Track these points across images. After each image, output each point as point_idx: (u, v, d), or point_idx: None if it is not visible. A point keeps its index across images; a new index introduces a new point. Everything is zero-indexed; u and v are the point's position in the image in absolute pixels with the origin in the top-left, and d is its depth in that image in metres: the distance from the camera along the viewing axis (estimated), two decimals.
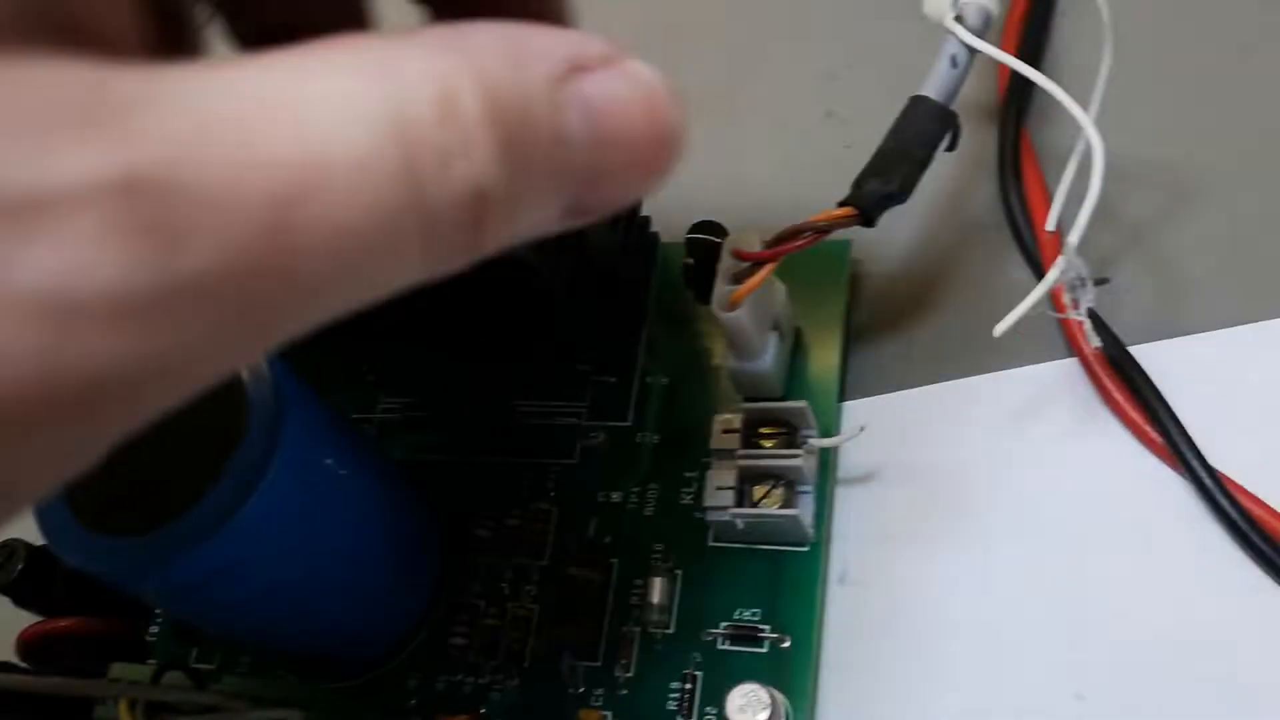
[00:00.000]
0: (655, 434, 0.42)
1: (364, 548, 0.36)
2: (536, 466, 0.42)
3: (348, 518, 0.35)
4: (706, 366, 0.43)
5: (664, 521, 0.40)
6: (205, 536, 0.30)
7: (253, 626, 0.35)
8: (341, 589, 0.36)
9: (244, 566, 0.32)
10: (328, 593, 0.36)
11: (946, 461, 0.40)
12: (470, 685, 0.39)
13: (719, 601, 0.38)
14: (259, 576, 0.33)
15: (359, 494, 0.36)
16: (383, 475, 0.38)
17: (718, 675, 0.37)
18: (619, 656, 0.38)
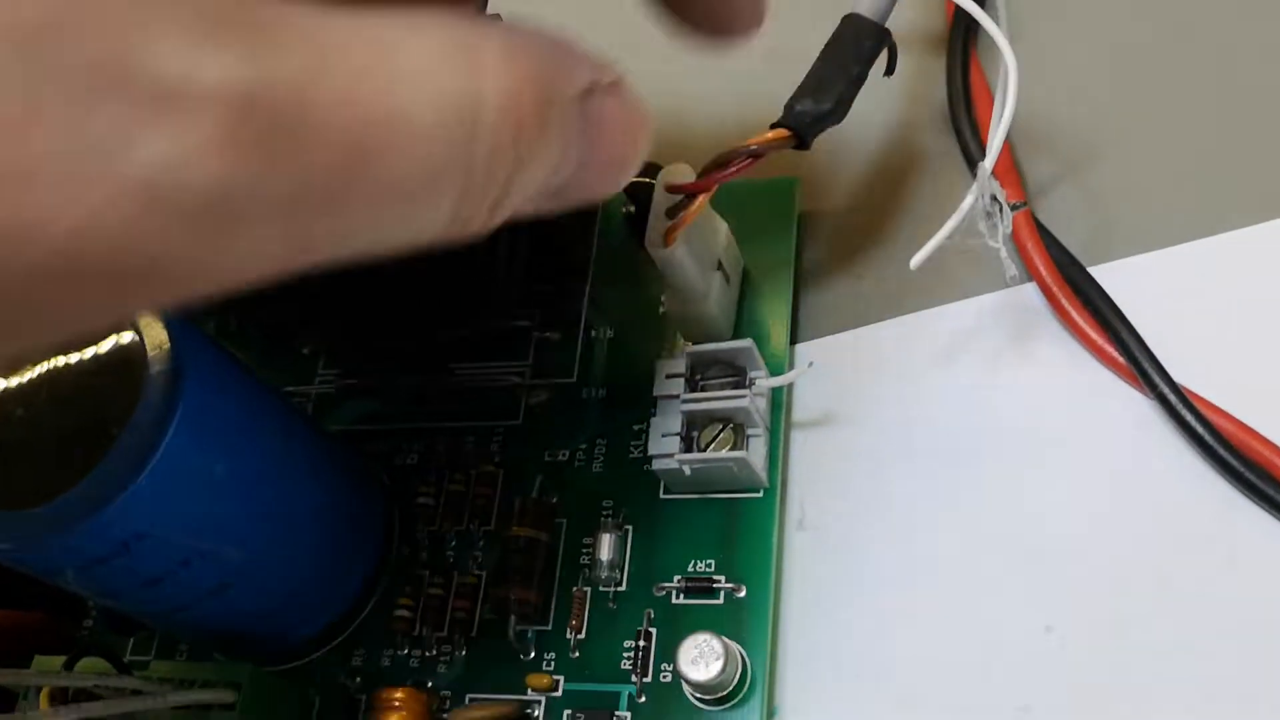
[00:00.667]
0: (601, 388, 0.40)
1: (289, 519, 0.34)
2: (480, 430, 0.41)
3: (266, 487, 0.33)
4: (652, 316, 0.41)
5: (613, 477, 0.39)
6: (103, 505, 0.28)
7: (175, 605, 0.33)
8: (266, 563, 0.34)
9: (151, 538, 0.30)
10: (251, 567, 0.34)
11: (903, 397, 0.38)
12: (416, 659, 0.37)
13: (671, 555, 0.37)
14: (169, 550, 0.31)
15: (277, 460, 0.34)
16: (308, 442, 0.36)
17: (671, 631, 0.35)
18: (569, 618, 0.36)
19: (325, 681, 0.37)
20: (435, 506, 0.40)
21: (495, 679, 0.36)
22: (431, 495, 0.40)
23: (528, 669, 0.36)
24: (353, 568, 0.38)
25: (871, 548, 0.36)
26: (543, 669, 0.36)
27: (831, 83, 0.34)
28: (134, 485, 0.29)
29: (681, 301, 0.37)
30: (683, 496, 0.37)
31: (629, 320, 0.41)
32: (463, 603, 0.37)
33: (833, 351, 0.40)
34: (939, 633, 0.34)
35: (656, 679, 0.35)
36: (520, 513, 0.37)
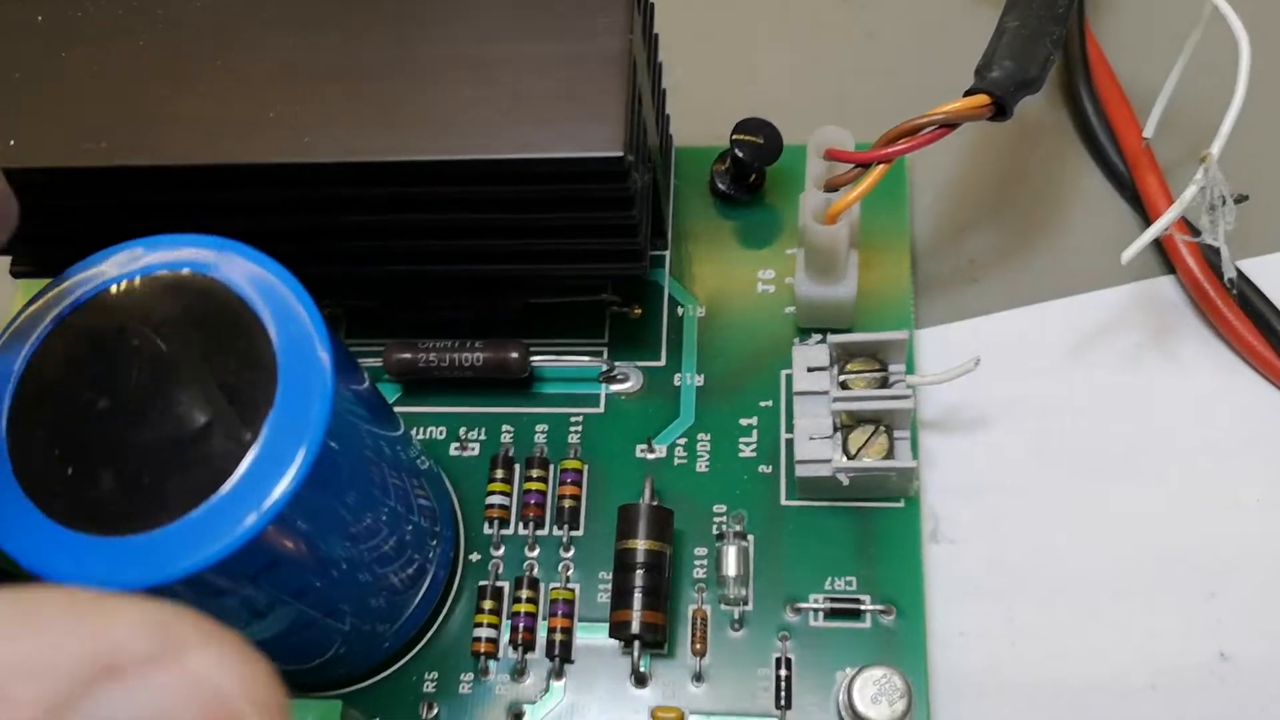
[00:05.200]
0: (697, 374, 0.35)
1: (386, 529, 0.28)
2: (554, 419, 0.35)
3: (377, 498, 0.27)
4: (748, 292, 0.36)
5: (721, 478, 0.34)
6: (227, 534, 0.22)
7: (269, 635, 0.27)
8: (362, 584, 0.28)
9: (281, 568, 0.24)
10: (352, 589, 0.28)
11: (1034, 393, 0.35)
12: (503, 685, 0.32)
13: (803, 571, 0.33)
14: (291, 578, 0.25)
15: (380, 465, 0.28)
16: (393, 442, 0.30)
17: (814, 657, 0.31)
18: (690, 643, 0.32)
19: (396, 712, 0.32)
20: (510, 507, 0.34)
21: (602, 711, 0.32)
22: (504, 494, 0.34)
23: (646, 701, 0.31)
24: (431, 579, 0.32)
25: (1012, 559, 0.33)
26: (662, 700, 0.31)
27: (1033, 46, 0.30)
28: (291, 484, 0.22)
29: (819, 282, 0.33)
30: (810, 503, 0.33)
31: (719, 297, 0.36)
32: (560, 622, 0.32)
33: (950, 343, 0.36)
34: (1103, 655, 0.32)
35: (802, 713, 0.31)
36: (634, 524, 0.32)
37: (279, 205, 0.29)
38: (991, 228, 0.38)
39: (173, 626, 0.14)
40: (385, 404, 0.30)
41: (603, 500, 0.34)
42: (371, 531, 0.28)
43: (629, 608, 0.31)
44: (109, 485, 0.23)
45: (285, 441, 0.23)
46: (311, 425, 0.23)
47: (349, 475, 0.26)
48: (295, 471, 0.23)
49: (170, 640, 0.14)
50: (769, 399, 0.35)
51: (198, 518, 0.22)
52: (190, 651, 0.14)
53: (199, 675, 0.14)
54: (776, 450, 0.34)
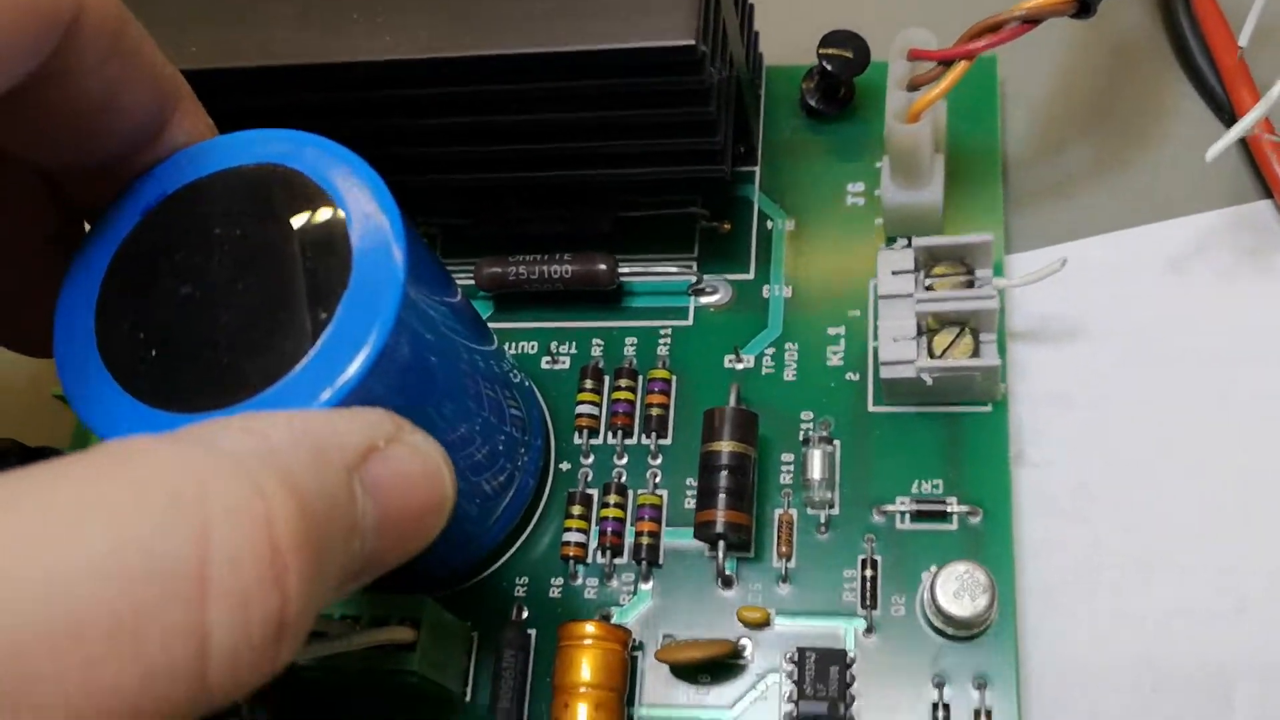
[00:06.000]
0: (785, 286, 0.35)
1: (476, 418, 0.29)
2: (643, 332, 0.36)
3: (464, 382, 0.28)
4: (836, 206, 0.36)
5: (809, 386, 0.34)
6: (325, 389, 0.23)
7: None
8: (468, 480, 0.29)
9: None
10: None
11: (1125, 317, 0.34)
12: (593, 590, 0.33)
13: (889, 475, 0.32)
14: None
15: (467, 354, 0.28)
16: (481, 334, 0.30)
17: (898, 559, 0.31)
18: (776, 545, 0.32)
19: (485, 615, 0.33)
20: (601, 417, 0.35)
21: (689, 612, 0.32)
22: (593, 404, 0.35)
23: (733, 602, 0.32)
24: (520, 484, 0.33)
25: (1097, 481, 0.32)
26: (748, 601, 0.32)
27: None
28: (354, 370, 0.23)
29: (905, 185, 0.33)
30: (897, 410, 0.33)
31: (804, 209, 0.36)
32: (647, 526, 0.33)
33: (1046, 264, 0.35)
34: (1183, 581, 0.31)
35: (888, 612, 0.31)
36: (720, 426, 0.32)
37: (361, 107, 0.30)
38: (1084, 147, 0.37)
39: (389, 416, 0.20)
40: (479, 318, 0.30)
41: (691, 410, 0.34)
42: (465, 440, 0.28)
43: (713, 508, 0.31)
44: (190, 366, 0.24)
45: (358, 323, 0.24)
46: (384, 309, 0.24)
47: (445, 386, 0.27)
48: (367, 352, 0.23)
49: (395, 424, 0.20)
50: (857, 309, 0.35)
51: (272, 394, 0.23)
52: (406, 433, 0.20)
53: (418, 444, 0.20)
54: (864, 358, 0.34)
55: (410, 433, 0.20)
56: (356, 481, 0.18)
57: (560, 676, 0.30)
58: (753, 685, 0.31)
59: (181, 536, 0.15)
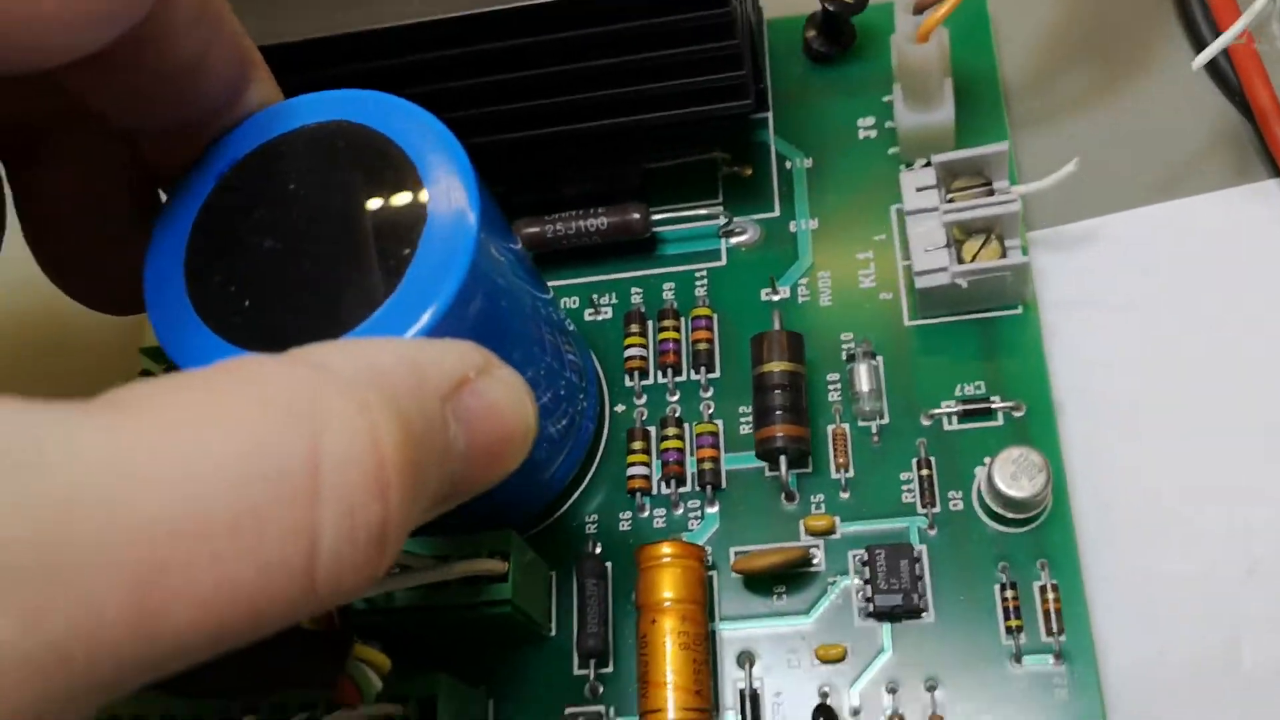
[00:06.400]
0: (811, 219, 0.37)
1: (543, 365, 0.31)
2: (679, 277, 0.37)
3: (532, 328, 0.30)
4: (849, 141, 0.38)
5: (845, 308, 0.36)
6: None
7: None
8: None
9: None
10: None
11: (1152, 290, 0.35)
12: (661, 518, 0.34)
13: (932, 381, 0.34)
14: None
15: (533, 302, 0.30)
16: (546, 304, 0.32)
17: (950, 458, 0.33)
18: (833, 459, 0.34)
19: (560, 555, 0.34)
20: (647, 357, 0.36)
21: (756, 529, 0.33)
22: (640, 346, 0.36)
23: (796, 514, 0.33)
24: (580, 426, 0.34)
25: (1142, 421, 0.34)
26: (810, 513, 0.33)
27: None
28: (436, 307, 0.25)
29: (918, 108, 0.35)
30: (932, 321, 0.35)
31: (824, 148, 0.38)
32: (707, 453, 0.34)
33: (1063, 243, 0.36)
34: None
35: (946, 508, 0.32)
36: (769, 348, 0.33)
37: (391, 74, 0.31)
38: (1076, 76, 0.39)
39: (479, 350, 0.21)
40: (535, 267, 0.32)
41: (734, 343, 0.36)
42: (531, 385, 0.30)
43: (772, 425, 0.33)
44: (282, 311, 0.26)
45: (436, 265, 0.25)
46: (460, 250, 0.25)
47: (513, 330, 0.28)
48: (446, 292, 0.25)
49: (484, 357, 0.21)
50: (881, 233, 0.36)
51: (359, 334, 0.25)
52: (495, 366, 0.21)
53: (504, 377, 0.21)
54: (894, 277, 0.36)
55: (499, 366, 0.21)
56: (449, 409, 0.19)
57: (644, 597, 0.31)
58: (825, 590, 0.32)
59: (297, 443, 0.16)
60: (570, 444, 0.34)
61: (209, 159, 0.27)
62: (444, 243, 0.25)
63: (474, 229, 0.26)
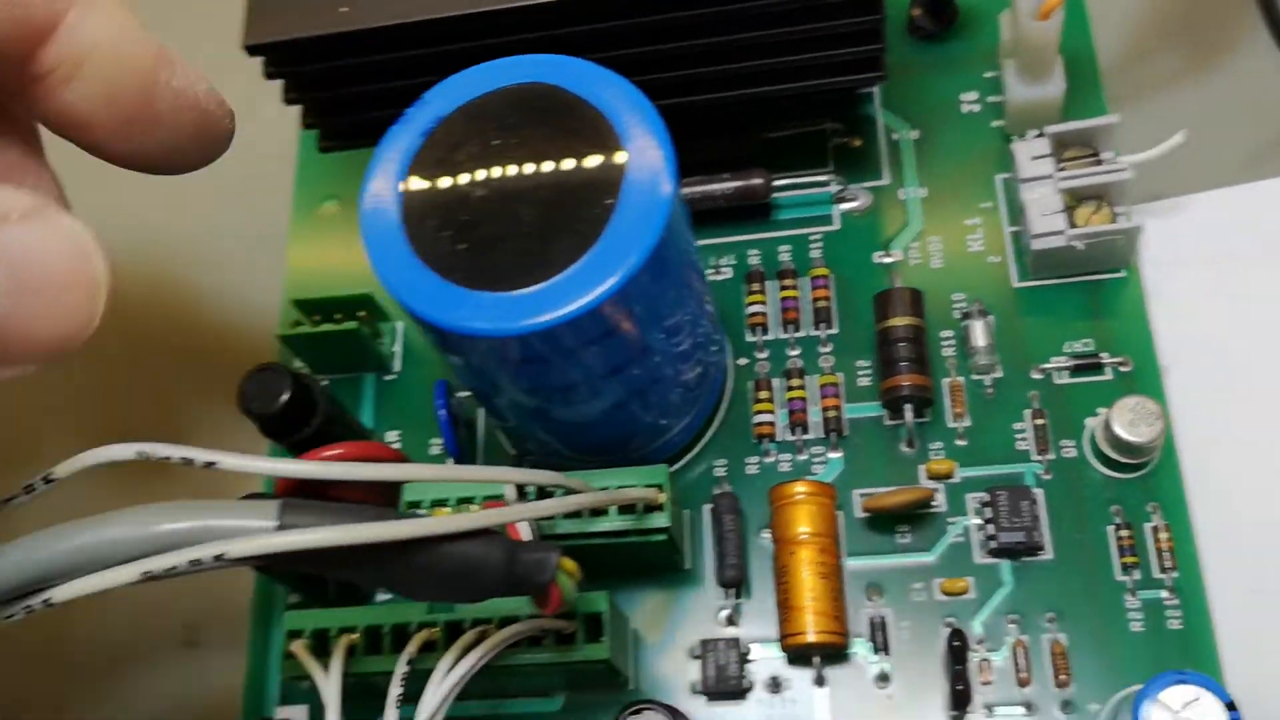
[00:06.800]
0: (920, 188, 0.39)
1: (695, 316, 0.33)
2: (795, 240, 0.40)
3: (696, 284, 0.32)
4: (952, 114, 0.40)
5: (956, 270, 0.38)
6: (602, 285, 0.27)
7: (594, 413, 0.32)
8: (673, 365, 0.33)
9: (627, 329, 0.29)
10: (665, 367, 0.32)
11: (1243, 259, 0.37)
12: (787, 463, 0.36)
13: (1042, 338, 0.36)
14: (633, 341, 0.29)
15: (695, 260, 0.32)
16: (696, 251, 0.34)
17: (1061, 410, 0.35)
18: (951, 406, 0.36)
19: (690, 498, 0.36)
20: (768, 313, 0.38)
21: (877, 473, 0.36)
22: (761, 303, 0.38)
23: (915, 460, 0.36)
24: (712, 376, 0.36)
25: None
26: (929, 459, 0.36)
27: None
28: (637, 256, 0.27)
29: (1032, 82, 0.37)
30: (1040, 283, 0.37)
31: (929, 121, 0.41)
32: (831, 402, 0.36)
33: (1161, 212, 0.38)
34: None
35: (1059, 455, 0.35)
36: (893, 304, 0.36)
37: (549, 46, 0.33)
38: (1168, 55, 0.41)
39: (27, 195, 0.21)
40: None
41: (849, 303, 0.38)
42: (677, 329, 0.32)
43: (897, 375, 0.35)
44: (498, 254, 0.28)
45: (640, 206, 0.27)
46: (661, 191, 0.28)
47: (681, 271, 0.30)
48: (653, 228, 0.27)
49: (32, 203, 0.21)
50: (988, 201, 0.39)
51: (575, 272, 0.27)
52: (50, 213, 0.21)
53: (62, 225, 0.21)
54: (1001, 242, 0.38)
55: (56, 214, 0.21)
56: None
57: (781, 531, 0.34)
58: (945, 529, 0.35)
59: None
60: (702, 391, 0.36)
61: (414, 116, 0.30)
62: (643, 195, 0.28)
63: (673, 181, 0.28)
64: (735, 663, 0.34)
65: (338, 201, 0.44)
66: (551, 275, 0.27)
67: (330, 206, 0.44)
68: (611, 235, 0.27)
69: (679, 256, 0.30)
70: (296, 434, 0.35)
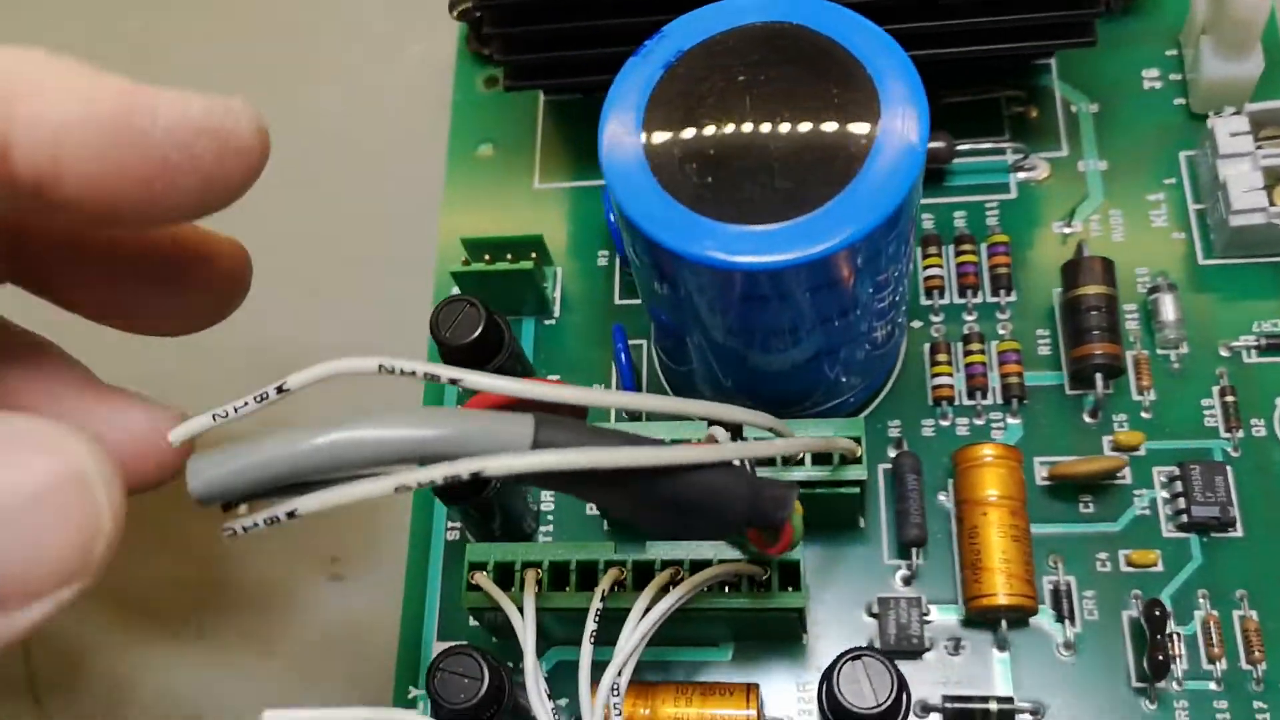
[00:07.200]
0: (1100, 160, 0.39)
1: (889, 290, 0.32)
2: (970, 207, 0.39)
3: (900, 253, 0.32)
4: (1133, 90, 0.40)
5: (1137, 244, 0.38)
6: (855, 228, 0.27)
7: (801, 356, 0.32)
8: (871, 326, 0.32)
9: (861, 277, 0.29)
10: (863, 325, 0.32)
11: None
12: (964, 427, 0.36)
13: (1229, 316, 0.36)
14: (857, 291, 0.29)
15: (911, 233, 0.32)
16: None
17: (1252, 388, 0.35)
18: (1137, 379, 0.36)
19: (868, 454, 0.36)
20: (944, 277, 0.38)
21: (1058, 441, 0.35)
22: (938, 266, 0.38)
23: (1097, 431, 0.35)
24: (896, 336, 0.36)
25: None
26: (1111, 430, 0.35)
27: None
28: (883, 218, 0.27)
29: (1232, 58, 0.37)
30: (1227, 262, 0.37)
31: (1109, 96, 0.40)
32: (1012, 368, 0.36)
33: None
34: None
35: (1249, 433, 0.34)
36: (1084, 272, 0.35)
37: None
38: None
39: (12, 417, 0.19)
40: None
41: (1027, 271, 0.38)
42: (884, 284, 0.31)
43: (1089, 343, 0.35)
44: (746, 188, 0.28)
45: (896, 147, 0.27)
46: (917, 133, 0.27)
47: (905, 225, 0.30)
48: (909, 169, 0.27)
49: None
50: (1171, 177, 0.38)
51: (827, 211, 0.27)
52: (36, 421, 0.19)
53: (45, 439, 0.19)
54: (1186, 219, 0.38)
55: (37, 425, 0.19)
56: None
57: (968, 493, 0.33)
58: (1131, 501, 0.34)
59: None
60: (886, 352, 0.35)
61: (653, 49, 0.29)
62: (896, 146, 0.28)
63: (925, 135, 0.27)
64: (917, 622, 0.33)
65: (493, 145, 0.43)
66: (797, 215, 0.27)
67: (486, 150, 0.43)
68: (863, 183, 0.27)
69: (911, 211, 0.30)
70: (482, 368, 0.34)
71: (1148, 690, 0.32)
